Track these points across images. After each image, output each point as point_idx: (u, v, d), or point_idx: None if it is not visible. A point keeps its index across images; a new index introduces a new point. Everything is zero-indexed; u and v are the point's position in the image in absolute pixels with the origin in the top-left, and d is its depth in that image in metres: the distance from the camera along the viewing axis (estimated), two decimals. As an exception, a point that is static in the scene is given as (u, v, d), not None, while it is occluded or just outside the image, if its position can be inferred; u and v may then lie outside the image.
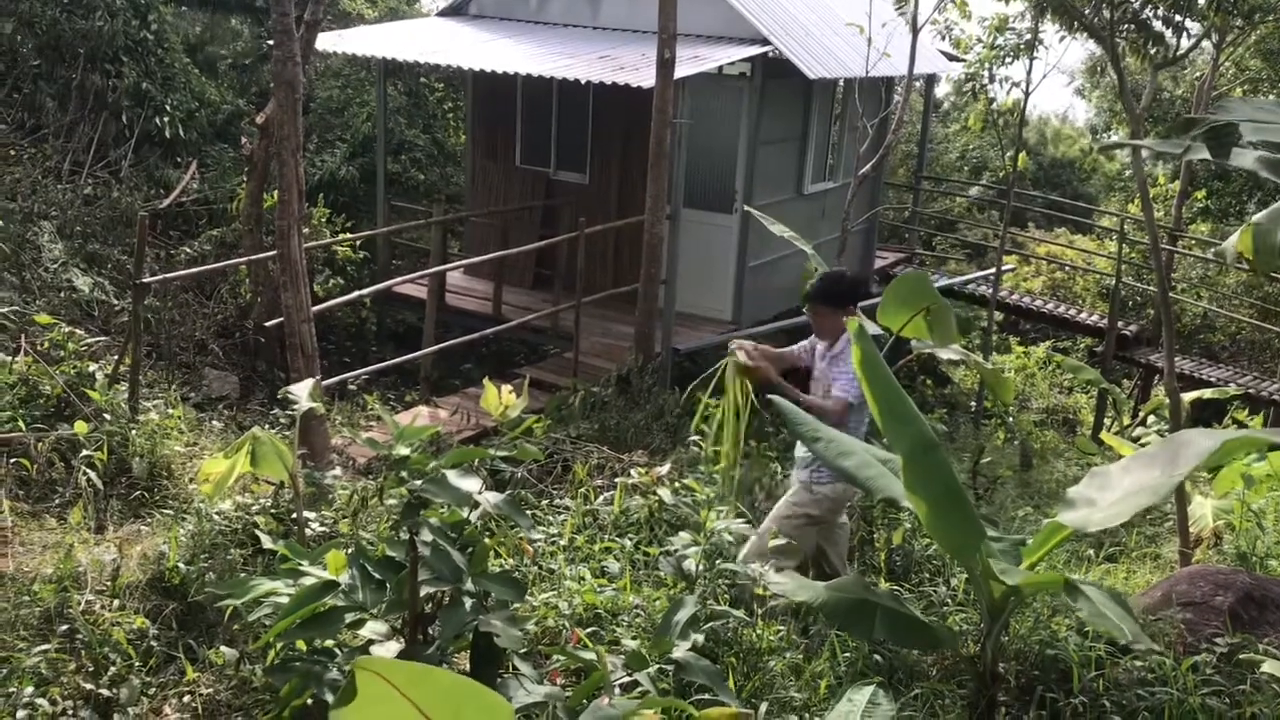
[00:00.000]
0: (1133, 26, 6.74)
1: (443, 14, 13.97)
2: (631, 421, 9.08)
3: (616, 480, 6.30)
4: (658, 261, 10.36)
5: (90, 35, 12.83)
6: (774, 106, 12.02)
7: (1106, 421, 13.22)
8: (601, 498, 6.06)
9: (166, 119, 13.55)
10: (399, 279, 11.16)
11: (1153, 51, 6.81)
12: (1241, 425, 11.04)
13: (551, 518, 5.82)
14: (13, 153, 12.08)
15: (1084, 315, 16.00)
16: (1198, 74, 18.82)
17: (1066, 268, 18.52)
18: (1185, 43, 7.41)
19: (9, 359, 7.02)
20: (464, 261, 12.46)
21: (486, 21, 13.42)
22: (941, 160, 24.85)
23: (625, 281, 11.31)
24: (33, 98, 12.79)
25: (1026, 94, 12.33)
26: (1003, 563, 3.75)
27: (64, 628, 4.25)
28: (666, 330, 10.85)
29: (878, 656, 4.66)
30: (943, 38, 13.86)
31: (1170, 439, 3.96)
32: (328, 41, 12.29)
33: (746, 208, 6.30)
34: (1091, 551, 6.56)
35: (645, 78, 10.04)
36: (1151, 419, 11.70)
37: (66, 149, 12.57)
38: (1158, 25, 6.74)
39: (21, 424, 6.37)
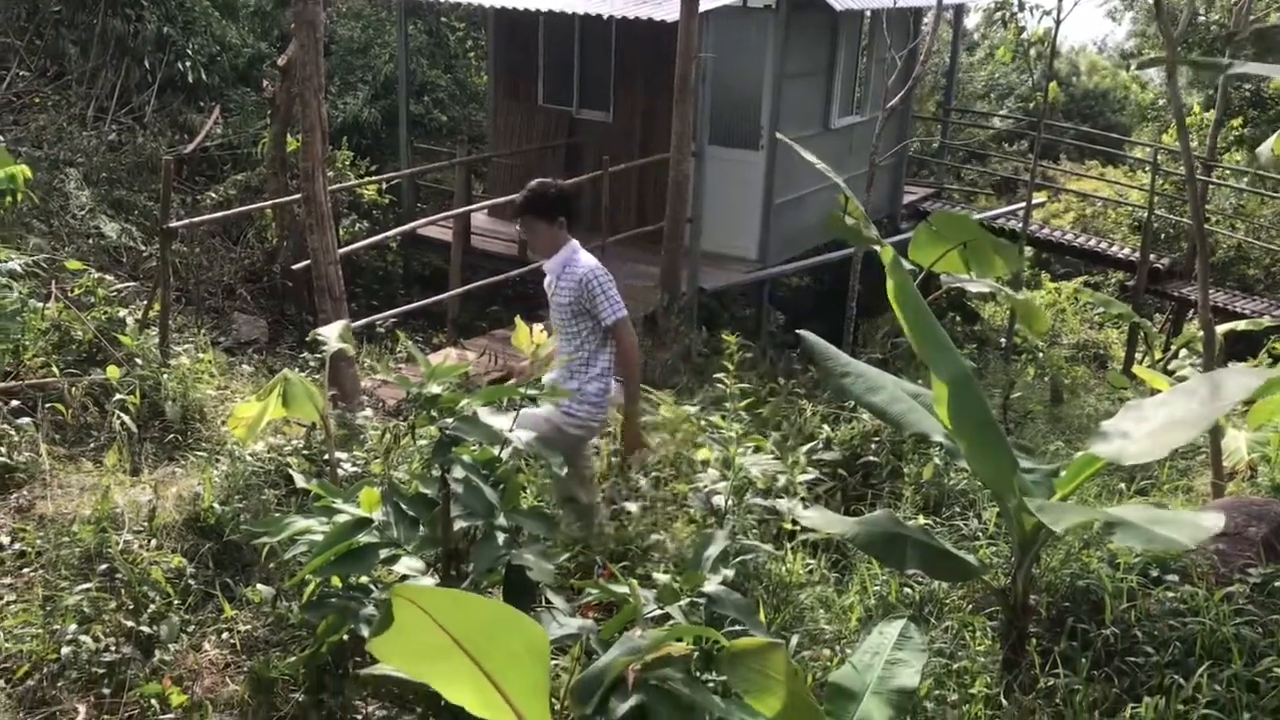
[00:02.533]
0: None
1: (462, -49, 13.77)
2: (659, 361, 9.07)
3: (644, 420, 6.31)
4: (683, 200, 10.28)
5: (110, -20, 12.76)
6: (800, 39, 11.82)
7: (1138, 356, 13.09)
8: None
9: (189, 63, 13.50)
10: (424, 220, 11.14)
11: (1190, -27, 6.62)
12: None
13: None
14: (37, 100, 12.09)
15: (1115, 249, 15.79)
16: (1235, -1, 18.33)
17: (1098, 203, 18.24)
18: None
19: (41, 305, 7.08)
20: (488, 202, 12.41)
21: (507, -42, 13.22)
22: (966, 90, 24.43)
23: (650, 221, 11.24)
24: (55, 44, 12.76)
25: (1057, 22, 12.06)
26: (1036, 496, 3.73)
27: (103, 567, 4.32)
28: (693, 269, 10.80)
29: (908, 590, 4.68)
30: (972, -34, 13.55)
31: (1211, 375, 3.92)
32: (347, -19, 12.17)
33: (780, 136, 6.18)
34: (1123, 485, 6.53)
35: (669, 11, 9.89)
36: (1184, 352, 11.57)
37: (90, 95, 12.56)
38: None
39: (55, 369, 6.44)
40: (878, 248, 4.22)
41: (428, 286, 12.21)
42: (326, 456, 5.13)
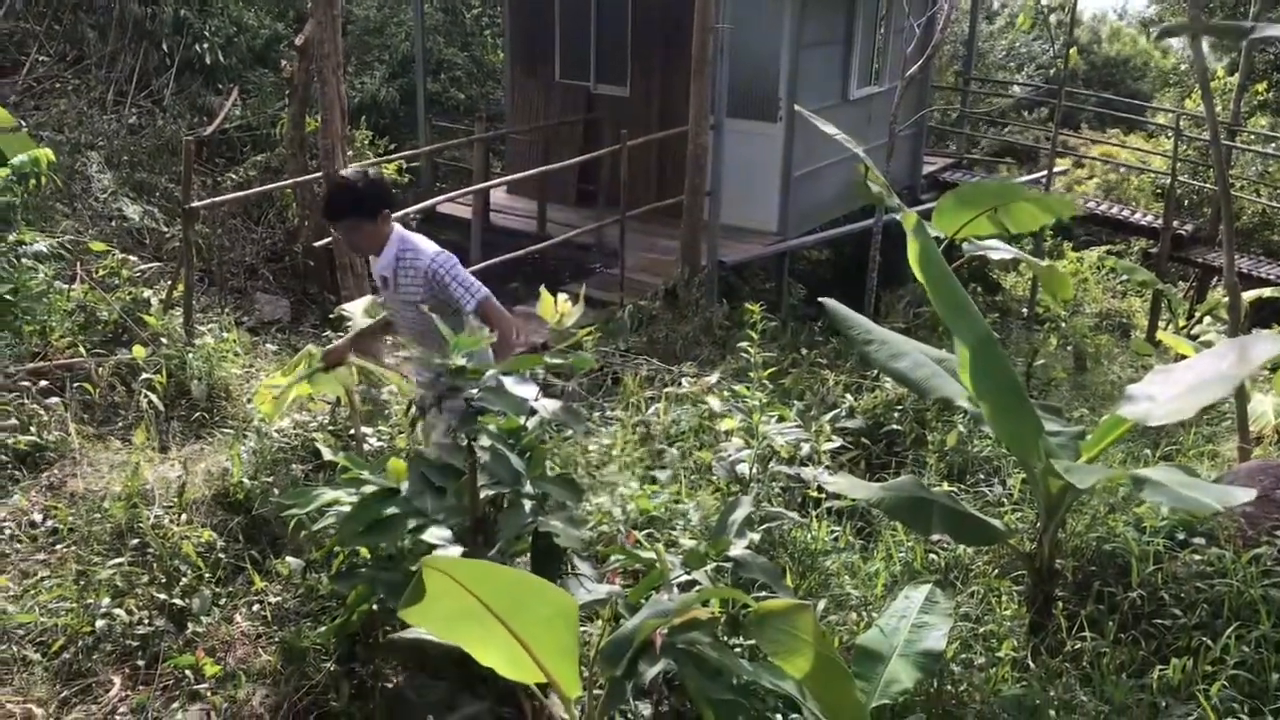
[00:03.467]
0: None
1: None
2: (680, 334, 9.08)
3: (666, 391, 6.33)
4: (702, 173, 10.25)
5: (126, -37, 12.79)
6: (817, 9, 11.73)
7: (1161, 323, 13.00)
8: (652, 408, 6.09)
9: (206, 46, 13.52)
10: (443, 197, 11.14)
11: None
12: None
13: (603, 428, 5.86)
14: (57, 85, 12.14)
15: (1138, 216, 15.65)
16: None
17: (1121, 169, 18.07)
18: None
19: (67, 287, 7.14)
20: (507, 179, 12.40)
21: (521, -67, 13.17)
22: (986, 60, 24.21)
23: (669, 195, 11.20)
24: (73, 29, 12.81)
25: (1079, -13, 11.93)
26: (1063, 458, 3.72)
27: (135, 542, 4.38)
28: (712, 243, 10.77)
29: (933, 556, 4.69)
30: (991, -69, 13.39)
31: (1237, 340, 3.90)
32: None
33: (798, 108, 6.11)
34: (1148, 450, 6.50)
35: (685, -16, 9.84)
36: (1208, 319, 11.49)
37: (109, 79, 12.61)
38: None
39: (82, 350, 6.51)
40: (899, 217, 4.20)
41: (448, 264, 12.21)
42: (352, 431, 5.17)
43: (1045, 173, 13.36)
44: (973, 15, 16.75)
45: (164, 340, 6.64)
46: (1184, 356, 7.18)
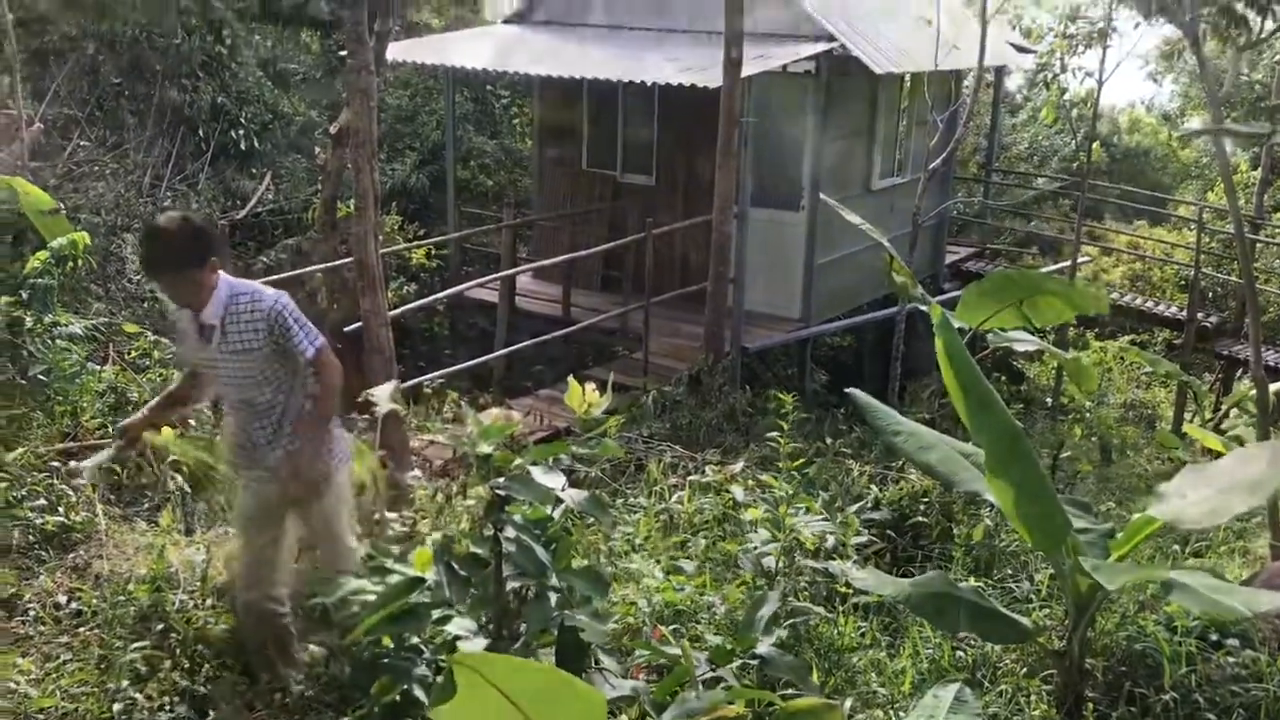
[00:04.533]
0: (1214, 10, 6.58)
1: (508, 21, 14.08)
2: (703, 420, 9.08)
3: (690, 479, 6.31)
4: (726, 260, 10.36)
5: (168, 53, 13.17)
6: (841, 102, 11.94)
7: (1187, 416, 12.91)
8: (675, 496, 6.08)
9: (242, 132, 13.86)
10: (471, 283, 11.28)
11: (1235, 34, 6.64)
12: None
13: (627, 516, 5.84)
14: (96, 168, 12.44)
15: (1162, 307, 15.65)
16: (1277, 57, 18.29)
17: (1145, 258, 18.11)
18: (1270, 24, 7.19)
19: (98, 368, 7.23)
20: (533, 264, 12.56)
21: (552, 27, 13.50)
22: (1010, 153, 24.47)
23: (693, 282, 11.31)
24: (114, 114, 13.17)
25: (1100, 83, 12.12)
26: (1091, 556, 3.69)
27: (159, 626, 4.37)
28: (736, 329, 10.84)
29: (960, 653, 4.62)
30: (1013, 27, 13.66)
31: (1271, 444, 3.88)
32: (398, 51, 12.48)
33: (823, 197, 6.19)
34: (1178, 547, 6.42)
35: (711, 78, 10.03)
36: (1235, 412, 11.40)
37: (146, 163, 12.92)
38: (1240, 7, 6.57)
39: (112, 430, 6.56)
40: (924, 307, 4.23)
41: (473, 347, 12.31)
42: (376, 516, 5.16)
43: (1069, 263, 13.40)
44: (994, 109, 16.96)
45: (192, 422, 6.68)
46: (1211, 450, 7.12)
